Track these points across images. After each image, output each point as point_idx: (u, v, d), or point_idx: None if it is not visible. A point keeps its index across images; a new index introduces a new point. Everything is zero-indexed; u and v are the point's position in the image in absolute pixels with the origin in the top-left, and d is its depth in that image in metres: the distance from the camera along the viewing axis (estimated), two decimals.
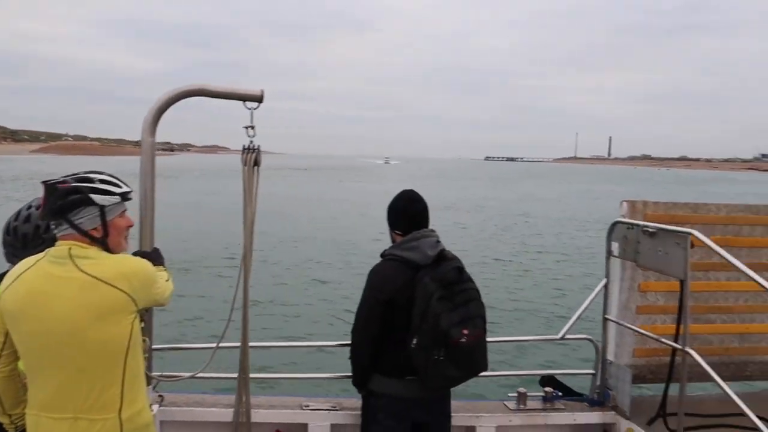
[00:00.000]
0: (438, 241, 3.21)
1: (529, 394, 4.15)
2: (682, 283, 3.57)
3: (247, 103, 3.09)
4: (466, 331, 2.97)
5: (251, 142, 3.10)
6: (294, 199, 39.27)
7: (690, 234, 3.48)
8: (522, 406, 4.09)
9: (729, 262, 3.32)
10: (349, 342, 3.29)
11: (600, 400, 4.23)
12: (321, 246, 21.05)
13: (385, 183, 67.27)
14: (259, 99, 3.09)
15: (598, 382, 4.26)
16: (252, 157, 3.10)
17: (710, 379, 4.34)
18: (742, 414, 3.60)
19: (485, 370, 3.19)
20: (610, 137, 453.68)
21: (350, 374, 3.35)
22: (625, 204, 4.22)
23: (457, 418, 3.83)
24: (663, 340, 3.83)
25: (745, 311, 4.32)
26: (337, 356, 3.67)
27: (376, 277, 3.19)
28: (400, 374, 3.15)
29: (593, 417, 4.15)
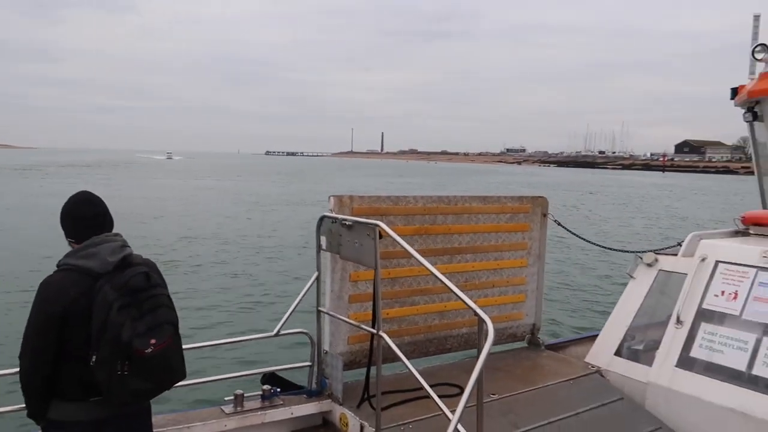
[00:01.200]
0: (123, 246, 2.95)
1: (247, 394, 4.10)
2: (375, 271, 3.80)
3: None
4: (153, 341, 2.77)
5: None
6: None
7: (377, 225, 3.73)
8: (239, 408, 4.02)
9: (404, 248, 3.63)
10: (18, 368, 2.88)
11: (318, 390, 4.36)
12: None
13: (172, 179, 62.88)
14: None
15: (315, 373, 4.39)
16: None
17: (412, 356, 4.78)
18: (435, 384, 4.01)
19: (183, 378, 3.02)
20: (383, 133, 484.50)
21: (24, 405, 2.93)
22: (332, 199, 4.38)
23: None
24: (362, 326, 4.08)
25: (442, 291, 4.80)
26: (8, 386, 3.17)
27: (46, 290, 2.82)
28: (84, 396, 2.83)
29: (311, 408, 4.26)
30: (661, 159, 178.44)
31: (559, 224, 5.51)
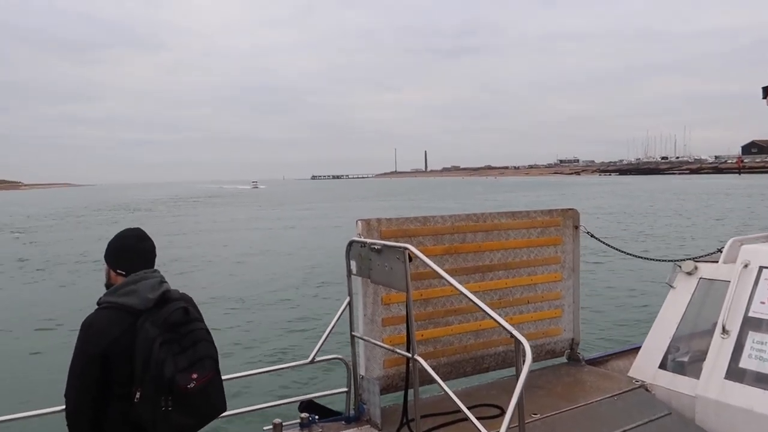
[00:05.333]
0: (161, 282, 3.00)
1: (285, 423, 4.14)
2: (407, 294, 3.81)
3: None
4: (195, 375, 2.80)
5: None
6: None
7: (406, 249, 3.75)
8: None
9: (434, 270, 3.63)
10: (64, 407, 3.01)
11: (356, 416, 4.37)
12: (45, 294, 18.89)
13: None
14: None
15: (352, 399, 4.40)
16: None
17: (450, 377, 4.74)
18: (474, 406, 3.96)
19: (223, 410, 3.06)
20: (426, 151, 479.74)
21: None
22: (360, 223, 4.42)
23: None
24: (397, 350, 4.08)
25: (476, 310, 4.73)
26: (55, 425, 3.31)
27: (88, 329, 2.89)
28: None
29: None
30: (737, 161, 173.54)
31: (592, 236, 5.40)
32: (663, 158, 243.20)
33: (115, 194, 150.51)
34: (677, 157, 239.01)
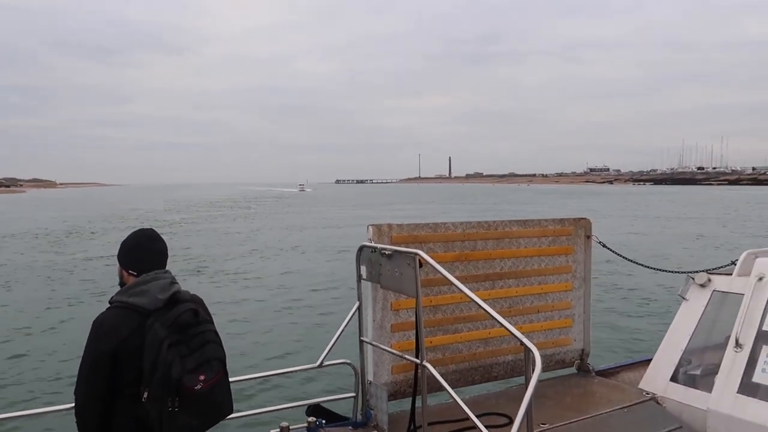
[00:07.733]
0: (172, 283, 3.03)
1: (292, 427, 4.17)
2: (417, 300, 3.83)
3: None
4: (202, 377, 2.83)
5: None
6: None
7: (417, 254, 3.77)
8: None
9: (444, 276, 3.65)
10: (73, 405, 3.08)
11: (363, 421, 4.40)
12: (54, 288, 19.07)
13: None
14: None
15: (359, 404, 4.42)
16: None
17: (458, 385, 4.74)
18: (482, 414, 3.96)
19: (230, 412, 3.08)
20: (450, 157, 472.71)
21: None
22: (371, 228, 4.44)
23: None
24: (406, 356, 4.10)
25: (485, 318, 4.72)
26: (65, 422, 3.39)
27: (98, 327, 2.92)
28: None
29: None
30: None
31: (604, 246, 5.35)
32: (699, 168, 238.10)
33: (169, 194, 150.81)
34: (714, 168, 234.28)
